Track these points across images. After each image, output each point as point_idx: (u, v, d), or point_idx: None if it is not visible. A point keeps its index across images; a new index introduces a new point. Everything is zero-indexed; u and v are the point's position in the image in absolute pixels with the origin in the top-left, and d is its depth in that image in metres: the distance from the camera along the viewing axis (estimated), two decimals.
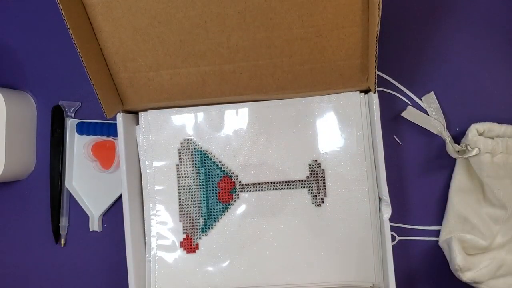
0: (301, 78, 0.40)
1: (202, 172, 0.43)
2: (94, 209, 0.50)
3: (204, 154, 0.43)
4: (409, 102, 0.46)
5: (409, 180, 0.46)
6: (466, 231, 0.44)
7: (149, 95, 0.42)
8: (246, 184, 0.42)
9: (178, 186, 0.43)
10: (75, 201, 0.50)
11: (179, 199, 0.43)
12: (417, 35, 0.47)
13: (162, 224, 0.43)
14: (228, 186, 0.42)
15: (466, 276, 0.41)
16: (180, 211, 0.43)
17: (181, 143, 0.43)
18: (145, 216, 0.43)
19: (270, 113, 0.42)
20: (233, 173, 0.42)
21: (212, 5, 0.36)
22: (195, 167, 0.43)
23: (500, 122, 0.43)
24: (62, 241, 0.50)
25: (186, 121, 0.43)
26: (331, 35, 0.37)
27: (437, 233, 0.46)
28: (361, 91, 0.41)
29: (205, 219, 0.42)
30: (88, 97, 0.51)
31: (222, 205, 0.42)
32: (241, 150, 0.42)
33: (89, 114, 0.51)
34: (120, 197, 0.49)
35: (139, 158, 0.44)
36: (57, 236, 0.50)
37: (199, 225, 0.42)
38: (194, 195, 0.43)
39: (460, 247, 0.42)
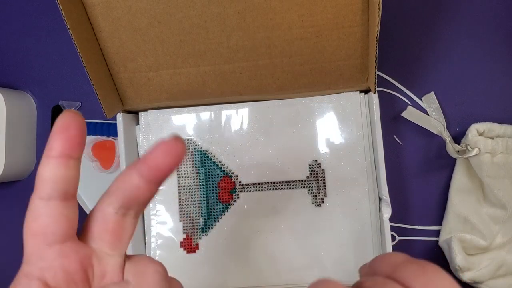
0: (301, 78, 0.40)
1: (202, 172, 0.43)
2: None
3: (204, 154, 0.43)
4: (409, 102, 0.46)
5: (409, 180, 0.46)
6: (466, 231, 0.44)
7: (149, 95, 0.42)
8: (246, 184, 0.42)
9: (178, 186, 0.43)
10: None
11: (179, 199, 0.43)
12: (417, 35, 0.47)
13: (162, 224, 0.43)
14: (228, 186, 0.42)
15: (466, 276, 0.41)
16: (180, 211, 0.43)
17: None
18: (145, 216, 0.43)
19: (270, 113, 0.42)
20: (233, 173, 0.42)
21: (212, 5, 0.36)
22: (195, 167, 0.43)
23: (500, 122, 0.43)
24: None
25: (186, 121, 0.43)
26: (331, 35, 0.37)
27: (437, 233, 0.46)
28: (361, 91, 0.41)
29: (205, 219, 0.42)
30: (88, 97, 0.51)
31: (222, 205, 0.42)
32: (241, 150, 0.42)
33: (89, 114, 0.51)
34: None
35: (139, 158, 0.44)
36: None
37: (199, 225, 0.42)
38: (194, 195, 0.43)
39: (460, 247, 0.42)
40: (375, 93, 0.39)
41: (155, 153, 0.20)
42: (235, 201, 0.42)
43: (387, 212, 0.40)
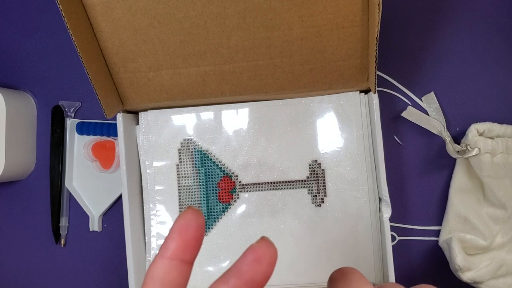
0: (301, 78, 0.40)
1: (202, 172, 0.43)
2: (94, 209, 0.50)
3: (204, 154, 0.43)
4: (409, 102, 0.46)
5: (409, 180, 0.46)
6: (466, 231, 0.44)
7: (149, 95, 0.42)
8: (246, 184, 0.42)
9: (178, 186, 0.43)
10: (75, 201, 0.50)
11: (179, 199, 0.43)
12: (417, 35, 0.47)
13: (162, 224, 0.43)
14: (228, 186, 0.42)
15: (466, 276, 0.41)
16: (180, 211, 0.43)
17: (181, 143, 0.43)
18: (145, 216, 0.43)
19: (270, 113, 0.42)
20: (233, 173, 0.42)
21: (212, 5, 0.36)
22: (195, 167, 0.43)
23: (500, 122, 0.43)
24: (62, 241, 0.50)
25: (186, 121, 0.43)
26: (331, 35, 0.37)
27: (437, 233, 0.46)
28: (361, 91, 0.41)
29: (205, 219, 0.42)
30: (88, 97, 0.51)
31: (222, 205, 0.42)
32: (241, 150, 0.42)
33: (89, 114, 0.51)
34: (120, 197, 0.49)
35: (139, 158, 0.44)
36: (57, 236, 0.50)
37: None
38: (194, 195, 0.43)
39: (460, 247, 0.42)
40: (375, 93, 0.39)
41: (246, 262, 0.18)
42: (235, 201, 0.42)
43: (387, 212, 0.40)
